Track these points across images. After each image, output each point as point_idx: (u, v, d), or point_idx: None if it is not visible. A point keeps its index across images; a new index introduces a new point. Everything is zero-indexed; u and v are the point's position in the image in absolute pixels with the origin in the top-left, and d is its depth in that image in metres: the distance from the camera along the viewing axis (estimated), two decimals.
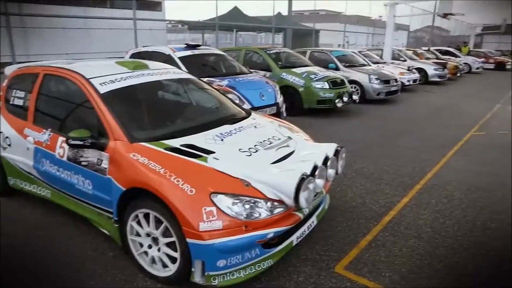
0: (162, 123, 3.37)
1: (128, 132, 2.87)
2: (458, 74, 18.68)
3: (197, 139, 2.95)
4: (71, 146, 2.86)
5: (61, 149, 3.16)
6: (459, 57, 22.92)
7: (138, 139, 2.84)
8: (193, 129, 3.15)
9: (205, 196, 2.42)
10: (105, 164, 2.84)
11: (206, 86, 4.27)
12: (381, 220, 3.74)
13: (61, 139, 3.18)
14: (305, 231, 2.96)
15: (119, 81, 3.33)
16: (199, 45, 7.38)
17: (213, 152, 2.77)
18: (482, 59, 25.70)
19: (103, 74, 3.35)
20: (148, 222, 2.67)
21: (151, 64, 4.03)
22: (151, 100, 3.73)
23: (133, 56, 7.23)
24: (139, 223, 2.73)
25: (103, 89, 3.13)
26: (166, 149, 2.76)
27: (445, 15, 16.85)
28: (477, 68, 23.29)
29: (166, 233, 2.59)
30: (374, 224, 3.66)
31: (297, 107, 8.26)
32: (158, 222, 2.62)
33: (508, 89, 15.81)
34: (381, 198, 4.26)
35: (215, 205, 2.40)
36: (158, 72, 3.77)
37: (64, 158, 3.13)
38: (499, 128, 8.09)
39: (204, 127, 3.20)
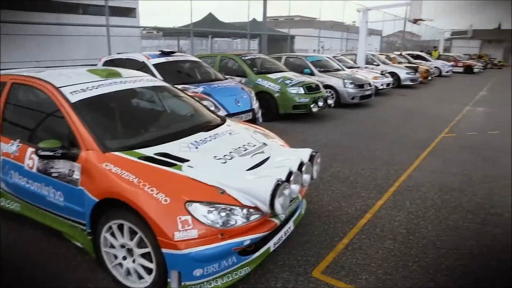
0: (136, 132, 3.32)
1: (100, 141, 2.81)
2: (429, 78, 19.21)
3: (172, 147, 2.92)
4: (41, 157, 2.79)
5: (30, 161, 3.07)
6: (429, 61, 23.60)
7: (110, 149, 2.79)
8: (167, 137, 3.12)
9: (180, 205, 2.39)
10: (76, 175, 2.77)
11: (181, 94, 4.25)
12: (357, 223, 3.78)
13: (30, 150, 3.09)
14: (282, 237, 2.96)
15: (91, 89, 3.26)
16: (173, 52, 7.33)
17: (188, 160, 2.75)
18: (452, 63, 26.51)
19: (74, 82, 3.29)
20: (122, 233, 2.62)
21: (124, 72, 3.97)
22: (124, 108, 3.68)
23: (107, 63, 7.11)
24: (113, 234, 2.68)
25: (74, 98, 3.07)
26: (139, 158, 2.72)
27: (415, 21, 17.28)
28: (447, 72, 24.04)
29: (141, 244, 2.54)
30: (350, 227, 3.70)
31: (273, 112, 8.31)
32: (132, 233, 2.57)
33: (475, 91, 16.36)
34: (357, 201, 4.31)
35: (190, 214, 2.38)
36: (131, 80, 3.72)
37: (34, 170, 3.04)
38: (469, 130, 8.34)
39: (179, 135, 3.18)
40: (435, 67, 22.67)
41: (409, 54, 23.32)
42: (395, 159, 5.93)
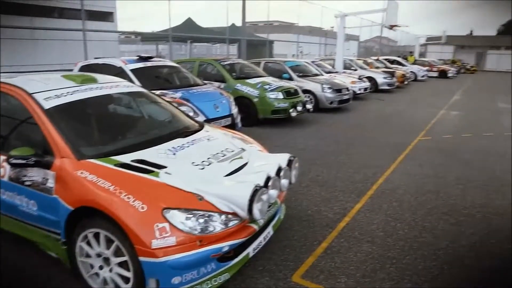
0: (112, 139, 3.27)
1: (75, 148, 2.76)
2: (406, 82, 19.64)
3: (149, 154, 2.89)
4: (13, 165, 2.71)
5: (2, 169, 2.99)
6: (405, 66, 24.17)
7: (86, 156, 2.74)
8: (144, 143, 3.09)
9: (157, 212, 2.37)
10: (51, 183, 2.71)
11: (158, 99, 4.21)
12: (336, 227, 3.82)
13: (1, 158, 3.01)
14: (261, 242, 2.96)
15: (65, 95, 3.20)
16: (151, 57, 7.27)
17: (165, 167, 2.73)
18: (427, 68, 27.22)
19: (48, 88, 3.22)
20: (98, 242, 2.57)
21: (100, 77, 3.91)
22: (100, 115, 3.62)
23: (83, 68, 6.99)
24: (88, 243, 2.62)
25: (47, 105, 3.00)
26: (116, 165, 2.68)
27: (391, 27, 17.65)
28: (422, 76, 24.65)
29: (117, 253, 2.50)
30: (329, 231, 3.73)
31: (252, 117, 8.33)
32: (109, 242, 2.52)
33: (449, 96, 16.81)
34: (336, 205, 4.35)
35: (167, 221, 2.36)
36: (107, 85, 3.67)
37: (5, 178, 2.96)
38: (444, 133, 8.54)
39: (156, 141, 3.15)
40: (410, 71, 23.22)
41: (386, 59, 23.83)
42: (373, 162, 6.02)
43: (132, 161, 2.75)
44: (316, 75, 11.79)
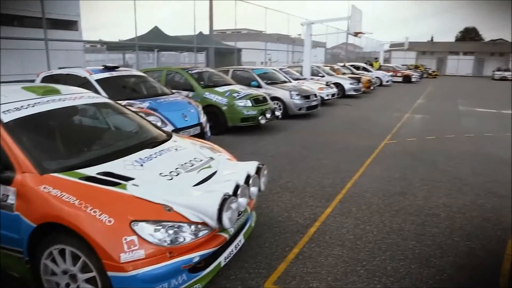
0: (77, 151, 3.19)
1: (37, 163, 2.67)
2: (372, 88, 20.16)
3: (115, 166, 2.83)
4: None
5: None
6: (371, 71, 24.86)
7: (49, 170, 2.65)
8: (110, 155, 3.03)
9: (125, 225, 2.33)
10: (11, 200, 2.60)
11: (125, 110, 4.14)
12: (307, 232, 3.86)
13: None
14: (232, 251, 2.96)
15: (26, 108, 3.10)
16: (117, 67, 7.15)
17: (132, 179, 2.69)
18: (391, 73, 28.08)
19: (7, 101, 3.09)
20: (64, 258, 2.49)
21: (64, 88, 3.81)
22: (63, 127, 3.53)
23: (45, 79, 6.79)
24: (54, 260, 2.54)
25: (7, 118, 2.90)
26: (81, 178, 2.61)
27: (355, 34, 18.13)
28: (387, 81, 25.40)
29: (85, 269, 2.43)
30: (300, 236, 3.76)
31: (221, 126, 8.32)
32: (75, 258, 2.45)
33: (413, 100, 17.37)
34: (306, 210, 4.40)
35: (136, 233, 2.32)
36: (71, 97, 3.58)
37: None
38: (408, 136, 8.81)
39: (123, 152, 3.10)
40: (376, 77, 23.89)
41: (352, 65, 24.42)
42: (342, 167, 6.13)
43: (98, 173, 2.69)
44: (285, 82, 11.93)
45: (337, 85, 16.14)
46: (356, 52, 43.86)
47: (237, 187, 2.75)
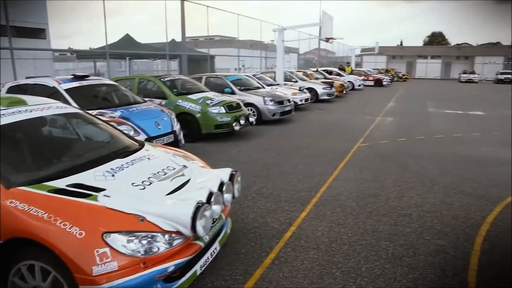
0: (46, 163, 3.11)
1: (2, 176, 2.59)
2: (344, 92, 20.51)
3: (86, 177, 2.78)
4: None
5: None
6: (343, 76, 25.33)
7: (15, 184, 2.58)
8: (81, 166, 2.97)
9: (97, 237, 2.28)
10: None
11: (95, 120, 4.08)
12: (283, 237, 3.88)
13: None
14: (208, 259, 2.95)
15: None
16: (87, 76, 7.02)
17: (104, 189, 2.64)
18: (363, 77, 28.66)
19: None
20: (33, 275, 2.42)
21: (30, 99, 3.72)
22: (31, 139, 3.43)
23: (12, 90, 6.59)
24: (22, 277, 2.46)
25: None
26: (49, 191, 2.55)
27: (327, 39, 18.42)
28: (359, 85, 25.94)
29: (55, 284, 2.37)
30: (276, 241, 3.78)
31: (195, 133, 8.28)
32: (45, 273, 2.38)
33: (385, 103, 17.78)
34: (282, 215, 4.42)
35: (108, 245, 2.28)
36: (38, 107, 3.49)
37: None
38: (380, 138, 9.01)
39: (94, 163, 3.04)
40: (348, 81, 24.36)
41: (325, 70, 24.82)
42: (316, 171, 6.20)
43: (68, 185, 2.64)
44: (258, 88, 12.00)
45: (310, 90, 16.35)
46: (329, 57, 44.57)
47: (210, 194, 2.74)
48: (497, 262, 3.44)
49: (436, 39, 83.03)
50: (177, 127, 6.73)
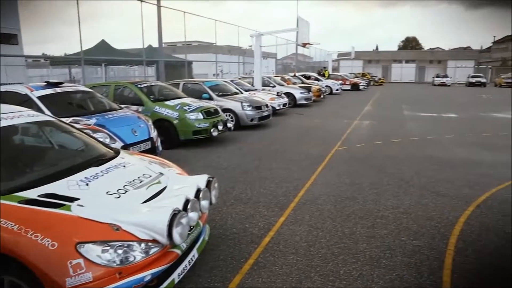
0: (16, 173, 3.02)
1: None
2: (322, 96, 20.73)
3: (59, 187, 2.72)
4: None
5: None
6: (321, 80, 25.66)
7: None
8: (54, 176, 2.90)
9: (70, 248, 2.23)
10: None
11: (69, 128, 3.99)
12: (261, 242, 3.87)
13: None
14: (186, 267, 2.92)
15: None
16: (61, 83, 6.87)
17: (77, 199, 2.59)
18: (340, 81, 29.09)
19: None
20: None
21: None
22: (0, 148, 3.33)
23: None
24: None
25: None
26: (20, 202, 2.48)
27: (304, 45, 18.63)
28: (337, 90, 26.31)
29: None
30: (255, 247, 3.78)
31: (173, 139, 8.22)
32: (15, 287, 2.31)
33: (361, 107, 18.06)
34: (260, 220, 4.42)
35: (82, 256, 2.23)
36: (8, 116, 3.39)
37: None
38: (357, 142, 9.14)
39: (67, 172, 2.98)
40: (326, 86, 24.68)
41: (303, 75, 25.09)
42: (294, 175, 6.23)
43: (40, 196, 2.57)
44: (236, 93, 12.01)
45: (288, 95, 16.48)
46: (306, 62, 45.07)
47: (187, 201, 2.72)
48: (470, 261, 3.52)
49: (410, 44, 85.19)
50: (154, 134, 6.66)
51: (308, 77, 25.72)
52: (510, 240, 3.95)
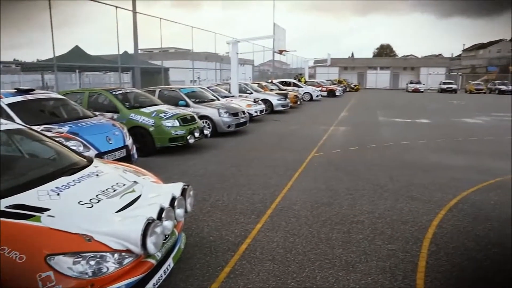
0: None
1: None
2: (299, 103, 20.93)
3: (28, 197, 2.64)
4: None
5: None
6: (302, 87, 26.00)
7: None
8: (23, 186, 2.81)
9: (39, 260, 2.17)
10: None
11: (40, 136, 3.89)
12: (238, 250, 3.86)
13: None
14: (162, 276, 2.87)
15: None
16: (32, 90, 6.70)
17: (48, 209, 2.52)
18: (320, 88, 29.45)
19: None
20: None
21: None
22: None
23: None
24: None
25: None
26: None
27: (280, 52, 18.80)
28: (317, 96, 26.61)
29: None
30: (231, 254, 3.76)
31: (149, 147, 8.12)
32: None
33: (338, 113, 18.30)
34: (237, 228, 4.41)
35: (52, 268, 2.17)
36: None
37: None
38: (333, 148, 9.24)
39: (37, 182, 2.89)
40: (306, 92, 25.06)
41: (283, 82, 25.37)
42: (271, 182, 6.25)
43: (7, 207, 2.49)
44: (213, 100, 11.99)
45: (265, 101, 16.56)
46: (283, 68, 45.47)
47: (161, 210, 2.69)
48: (443, 263, 3.60)
49: (384, 51, 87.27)
50: (129, 141, 6.57)
51: (289, 84, 26.04)
52: (480, 242, 4.06)
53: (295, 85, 26.32)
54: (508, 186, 6.03)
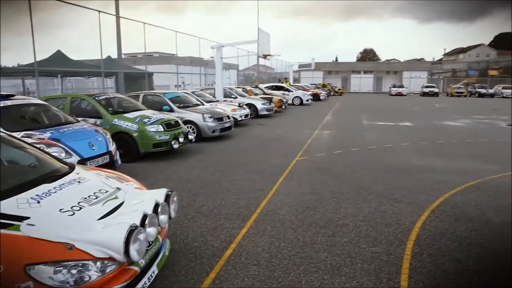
0: None
1: None
2: (283, 107, 21.01)
3: (7, 206, 2.57)
4: None
5: None
6: (292, 91, 26.18)
7: None
8: (1, 194, 2.75)
9: (18, 271, 2.13)
10: None
11: (20, 142, 3.81)
12: (223, 255, 3.84)
13: None
14: (146, 283, 2.83)
15: None
16: (12, 95, 6.57)
17: (28, 218, 2.46)
18: (307, 92, 29.66)
19: None
20: None
21: None
22: None
23: None
24: None
25: None
26: None
27: (264, 56, 18.86)
28: (307, 100, 26.75)
29: None
30: (216, 260, 3.74)
31: (133, 153, 8.03)
32: None
33: (322, 116, 18.44)
34: (222, 233, 4.38)
35: (32, 278, 2.13)
36: None
37: None
38: (318, 151, 9.30)
39: (17, 190, 2.82)
40: (296, 96, 25.28)
41: (273, 87, 25.56)
42: (256, 186, 6.24)
43: None
44: (197, 105, 11.94)
45: (250, 105, 16.59)
46: (268, 73, 45.64)
47: (144, 216, 2.66)
48: (426, 265, 3.65)
49: (368, 55, 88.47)
50: (112, 147, 6.49)
51: (277, 88, 26.21)
52: (462, 242, 4.13)
53: (286, 89, 26.49)
54: (488, 187, 6.16)
